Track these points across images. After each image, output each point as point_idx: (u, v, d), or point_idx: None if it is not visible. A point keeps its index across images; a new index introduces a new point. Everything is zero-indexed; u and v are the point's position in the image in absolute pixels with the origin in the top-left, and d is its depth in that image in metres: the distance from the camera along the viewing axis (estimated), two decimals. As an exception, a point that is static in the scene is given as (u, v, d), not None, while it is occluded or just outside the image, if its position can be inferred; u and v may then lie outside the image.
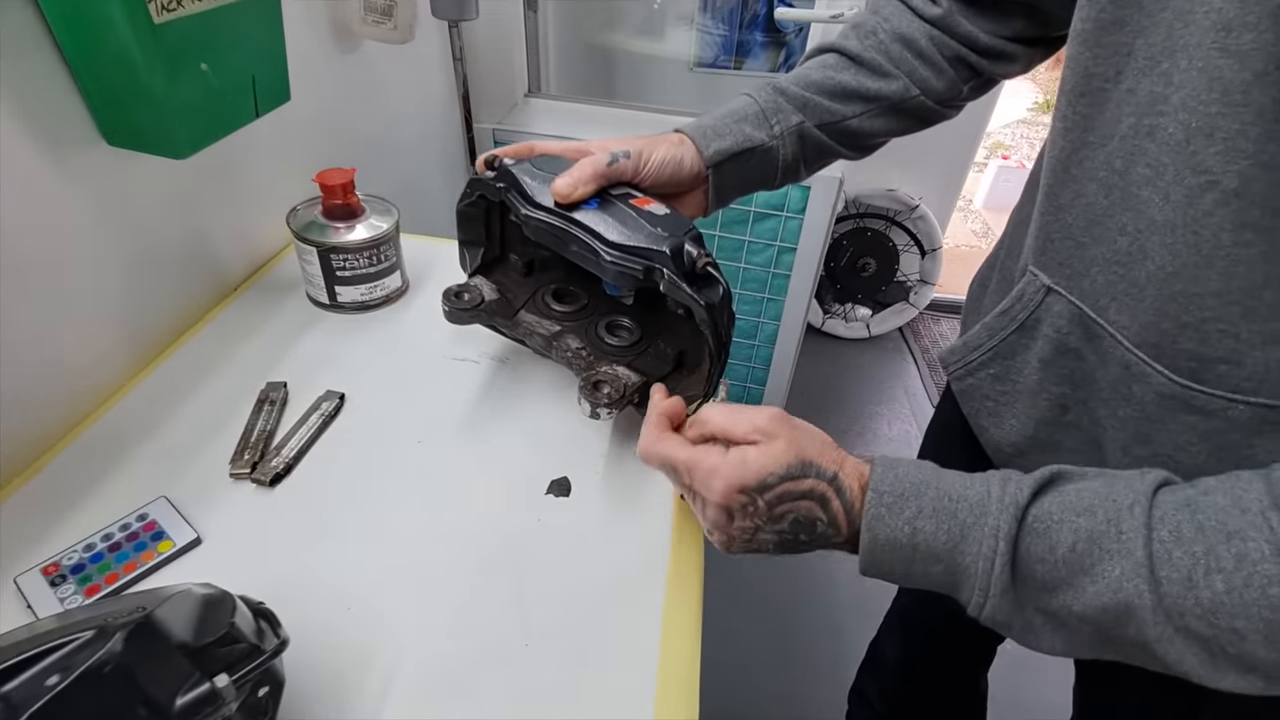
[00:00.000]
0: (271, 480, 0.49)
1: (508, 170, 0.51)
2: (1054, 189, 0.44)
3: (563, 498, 0.50)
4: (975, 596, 0.35)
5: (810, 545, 0.39)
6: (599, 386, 0.49)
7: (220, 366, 0.59)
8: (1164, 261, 0.37)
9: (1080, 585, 0.32)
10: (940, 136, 1.86)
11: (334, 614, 0.42)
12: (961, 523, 0.35)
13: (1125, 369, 0.41)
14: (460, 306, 0.54)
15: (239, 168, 0.68)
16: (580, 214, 0.48)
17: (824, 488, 0.37)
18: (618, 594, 0.44)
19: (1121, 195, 0.39)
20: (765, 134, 0.54)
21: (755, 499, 0.37)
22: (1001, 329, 0.50)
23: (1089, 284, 0.42)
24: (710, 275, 0.46)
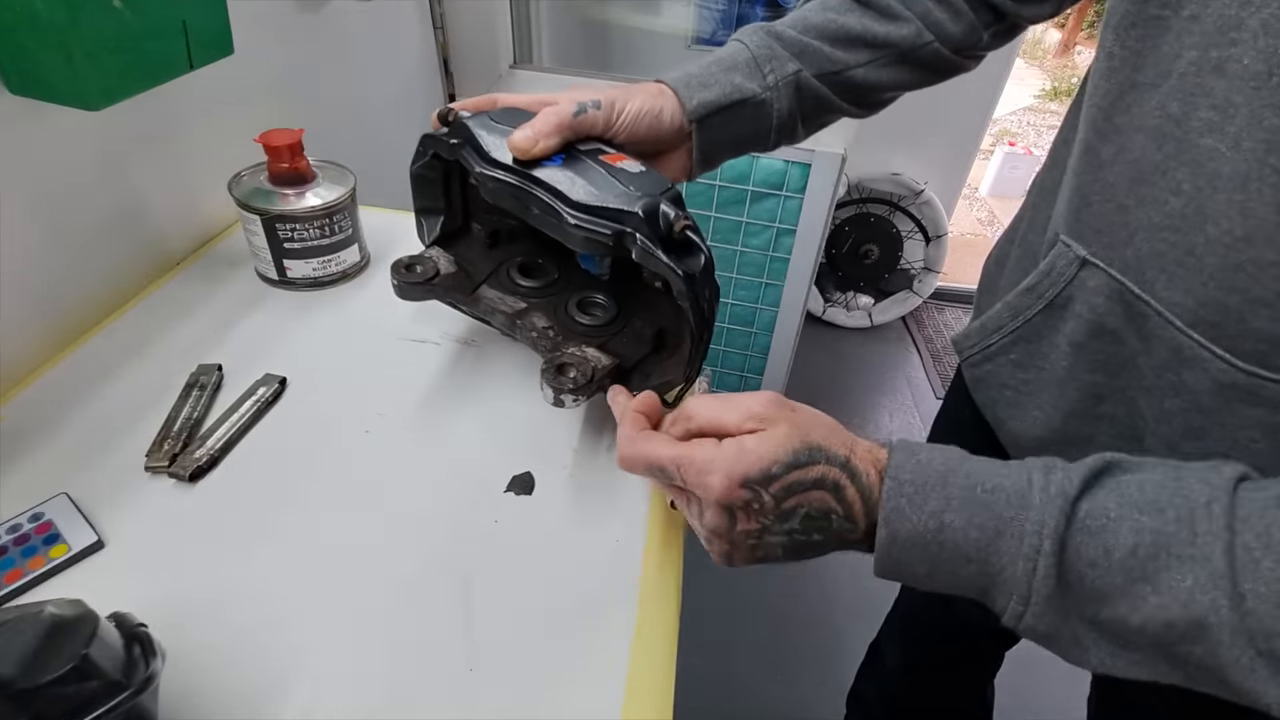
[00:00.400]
0: (192, 475, 0.43)
1: (463, 124, 0.45)
2: (1093, 143, 0.37)
3: (524, 496, 0.44)
4: (1013, 605, 0.30)
5: (823, 547, 0.33)
6: (563, 370, 0.43)
7: (149, 347, 0.53)
8: (1230, 225, 0.31)
9: (1140, 595, 0.27)
10: (947, 118, 1.81)
11: (254, 631, 0.36)
12: (998, 516, 0.30)
13: (1175, 353, 0.35)
14: (410, 280, 0.48)
15: (181, 131, 0.62)
16: (542, 171, 0.42)
17: (836, 474, 0.32)
18: (582, 607, 0.38)
19: (1177, 146, 0.33)
20: (757, 85, 0.48)
21: (760, 493, 0.32)
22: (1026, 308, 0.43)
23: (1132, 254, 0.36)
24: (689, 241, 0.40)
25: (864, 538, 0.33)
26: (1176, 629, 0.27)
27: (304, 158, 0.58)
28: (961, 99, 1.75)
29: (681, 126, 0.47)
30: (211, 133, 0.64)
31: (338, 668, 0.35)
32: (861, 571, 1.23)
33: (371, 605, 0.38)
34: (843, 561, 1.43)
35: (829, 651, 1.23)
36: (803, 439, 0.32)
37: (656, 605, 0.38)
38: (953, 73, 0.53)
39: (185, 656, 0.34)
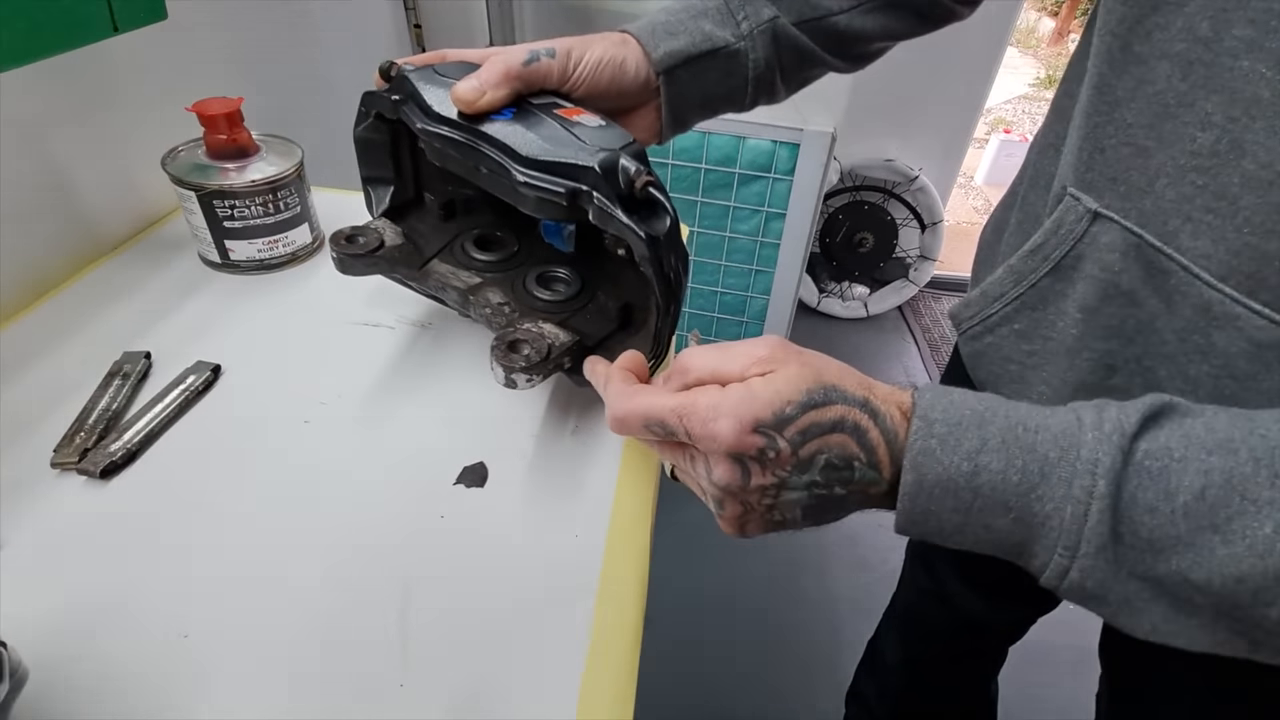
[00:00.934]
0: (104, 471, 0.38)
1: (404, 78, 0.41)
2: (1107, 78, 0.33)
3: (476, 488, 0.40)
4: (1056, 559, 0.26)
5: (844, 504, 0.29)
6: (515, 347, 0.38)
7: (72, 335, 0.48)
8: (1271, 156, 0.27)
9: (1207, 546, 0.23)
10: (940, 102, 1.76)
11: (160, 642, 0.32)
12: (1042, 458, 0.26)
13: (1203, 312, 0.31)
14: (351, 252, 0.44)
15: (114, 104, 0.57)
16: (490, 126, 0.38)
17: (857, 414, 0.28)
18: (532, 608, 0.34)
19: (1206, 72, 0.28)
20: (730, 32, 0.43)
21: (775, 439, 0.28)
22: (1030, 272, 0.39)
23: (1152, 202, 0.32)
24: (653, 199, 0.36)
25: (889, 490, 0.29)
26: (1249, 585, 0.23)
27: (244, 129, 0.54)
28: (954, 82, 1.72)
29: (648, 80, 0.43)
30: (150, 108, 0.60)
31: (252, 683, 0.30)
32: (860, 567, 1.20)
33: (294, 613, 0.33)
34: (841, 557, 1.39)
35: (829, 650, 1.19)
36: (816, 378, 0.29)
37: (617, 605, 0.34)
38: (946, 20, 0.48)
39: (85, 667, 0.30)
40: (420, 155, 0.48)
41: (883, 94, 1.69)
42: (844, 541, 1.38)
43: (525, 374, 0.37)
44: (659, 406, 0.30)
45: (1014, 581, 0.68)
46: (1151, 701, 0.52)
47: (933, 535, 0.28)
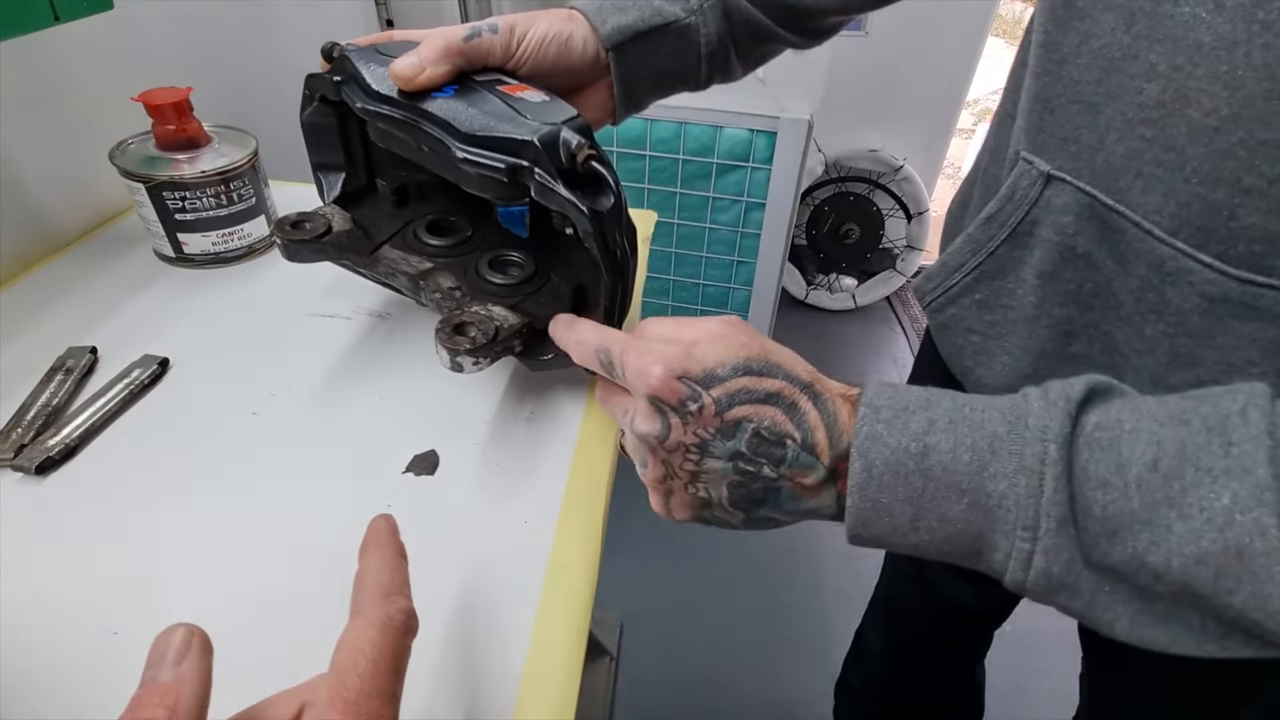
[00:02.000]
0: (39, 467, 0.37)
1: (345, 58, 0.40)
2: (1052, 36, 0.33)
3: (426, 476, 0.39)
4: (1018, 543, 0.24)
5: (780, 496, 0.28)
6: (461, 329, 0.37)
7: (17, 331, 0.47)
8: (1215, 103, 0.26)
9: (1163, 523, 0.22)
10: (923, 93, 1.76)
11: (92, 642, 0.31)
12: (991, 433, 0.24)
13: (1156, 269, 0.30)
14: (297, 238, 0.43)
15: (62, 99, 0.56)
16: (430, 104, 0.37)
17: (795, 392, 0.27)
18: (477, 595, 0.33)
19: (1149, 21, 0.28)
20: (680, 7, 0.42)
21: (698, 392, 0.27)
22: (988, 239, 0.38)
23: (1103, 160, 0.31)
24: (595, 173, 0.35)
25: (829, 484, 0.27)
26: (1210, 566, 0.21)
27: (193, 119, 0.53)
28: (936, 72, 1.71)
29: (597, 57, 0.42)
30: (101, 102, 0.59)
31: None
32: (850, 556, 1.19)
33: (230, 607, 0.32)
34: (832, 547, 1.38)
35: (817, 640, 1.19)
36: (761, 352, 0.28)
37: (563, 595, 0.33)
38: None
39: (10, 663, 0.29)
40: (370, 143, 0.47)
41: (865, 84, 1.69)
42: (834, 529, 1.36)
43: (471, 356, 0.36)
44: (613, 336, 0.31)
45: None
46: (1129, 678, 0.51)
47: (886, 535, 0.26)
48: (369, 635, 0.22)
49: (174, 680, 0.19)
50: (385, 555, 0.26)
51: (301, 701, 0.21)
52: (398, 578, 0.25)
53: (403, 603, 0.24)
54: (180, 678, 0.19)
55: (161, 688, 0.19)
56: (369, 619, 0.22)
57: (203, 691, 0.20)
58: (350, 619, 0.23)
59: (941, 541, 0.25)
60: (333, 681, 0.21)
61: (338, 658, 0.21)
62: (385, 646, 0.22)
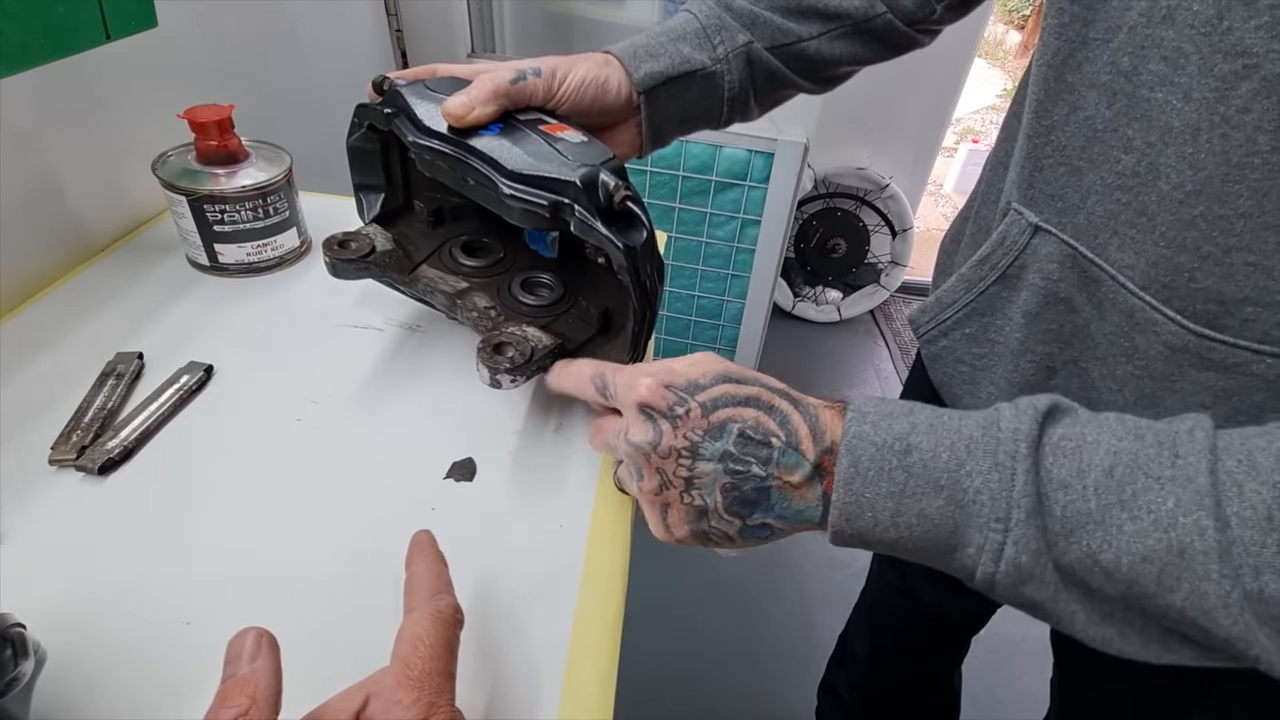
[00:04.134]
0: (102, 468, 0.40)
1: (397, 92, 0.43)
2: (1044, 104, 0.37)
3: (465, 482, 0.42)
4: (990, 534, 0.26)
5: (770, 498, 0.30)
6: (500, 349, 0.41)
7: (63, 336, 0.49)
8: (1181, 179, 0.30)
9: (1115, 522, 0.24)
10: (910, 113, 1.82)
11: (162, 631, 0.33)
12: (968, 437, 0.27)
13: (1128, 318, 0.34)
14: (344, 257, 0.45)
15: (103, 110, 0.58)
16: (477, 140, 0.40)
17: (774, 397, 0.31)
18: (520, 598, 0.36)
19: (1128, 102, 0.32)
20: (707, 56, 0.46)
21: (684, 398, 0.31)
22: (980, 280, 0.43)
23: (1085, 218, 0.35)
24: (630, 212, 0.38)
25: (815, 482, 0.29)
26: (1155, 563, 0.24)
27: (234, 136, 0.55)
28: (924, 95, 1.77)
29: (629, 99, 0.45)
30: (139, 113, 0.61)
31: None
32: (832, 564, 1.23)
33: (291, 602, 0.35)
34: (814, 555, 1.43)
35: (801, 643, 1.23)
36: (735, 368, 0.32)
37: (599, 594, 0.36)
38: (908, 47, 0.52)
39: (87, 656, 0.31)
40: (410, 164, 0.49)
41: (855, 104, 1.74)
42: (816, 538, 1.41)
43: (509, 375, 0.39)
44: (605, 365, 0.35)
45: None
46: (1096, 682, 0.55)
47: (868, 531, 0.28)
48: (425, 625, 0.25)
49: (251, 673, 0.23)
50: (430, 562, 0.29)
51: (366, 694, 0.24)
52: (443, 580, 0.29)
53: (450, 599, 0.27)
54: (256, 671, 0.23)
55: (241, 680, 0.23)
56: (423, 613, 0.26)
57: (276, 681, 0.23)
58: (406, 616, 0.26)
59: (919, 538, 0.28)
60: (398, 667, 0.24)
61: (399, 648, 0.25)
62: (440, 634, 0.25)
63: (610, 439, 0.34)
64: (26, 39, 0.44)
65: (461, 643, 0.33)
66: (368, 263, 0.46)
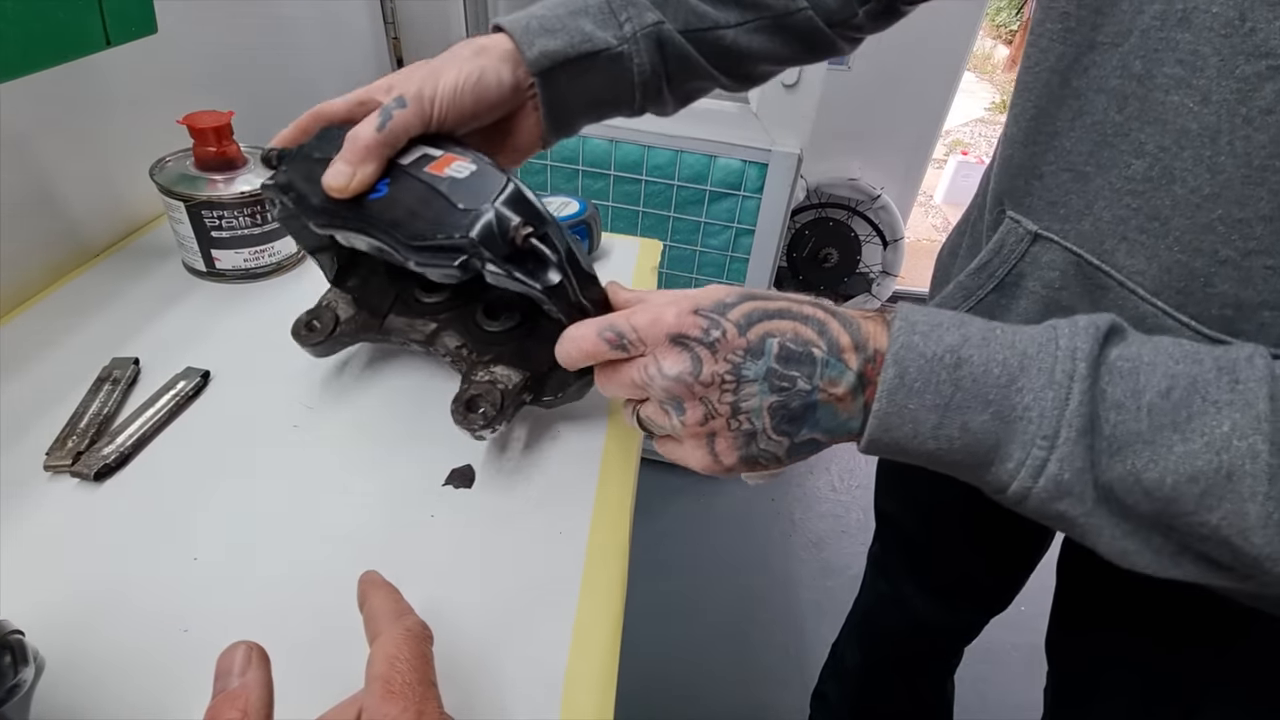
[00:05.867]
0: (98, 474, 0.39)
1: (282, 173, 0.40)
2: (1047, 110, 0.36)
3: (464, 489, 0.42)
4: (1035, 450, 0.26)
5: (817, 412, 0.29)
6: (472, 405, 0.40)
7: (59, 341, 0.49)
8: (1198, 182, 0.30)
9: (1165, 443, 0.24)
10: (902, 125, 1.85)
11: (159, 638, 0.33)
12: (1021, 352, 0.27)
13: (1138, 324, 0.34)
14: (314, 341, 0.45)
15: (99, 114, 0.58)
16: (370, 207, 0.37)
17: (806, 307, 0.29)
18: (520, 602, 0.36)
19: (1140, 106, 0.31)
20: (612, 34, 0.41)
21: (717, 320, 0.29)
22: (978, 288, 0.43)
23: (1090, 224, 0.35)
24: (536, 250, 0.35)
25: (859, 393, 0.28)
26: (1199, 484, 0.24)
27: (233, 142, 0.55)
28: (914, 106, 1.80)
29: (517, 83, 0.39)
30: (135, 118, 0.61)
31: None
32: (825, 573, 1.23)
33: (288, 607, 0.35)
34: (803, 560, 1.42)
35: (795, 652, 1.23)
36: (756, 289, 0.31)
37: (599, 598, 0.37)
38: (829, 51, 0.49)
39: (83, 663, 0.31)
40: None
41: (847, 116, 1.76)
42: (809, 546, 1.42)
43: (488, 428, 0.39)
44: (611, 315, 0.32)
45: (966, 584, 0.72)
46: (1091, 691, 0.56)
47: (905, 441, 0.28)
48: (396, 643, 0.25)
49: (242, 686, 0.23)
50: (385, 591, 0.29)
51: (358, 707, 0.24)
52: (402, 604, 0.28)
53: (414, 617, 0.27)
54: (246, 684, 0.23)
55: (232, 694, 0.23)
56: (391, 633, 0.26)
57: (267, 694, 0.23)
58: (374, 642, 0.26)
59: (957, 450, 0.27)
60: (380, 684, 0.24)
61: (375, 669, 0.25)
62: (413, 647, 0.25)
63: (637, 377, 0.32)
64: (27, 44, 0.44)
65: (461, 649, 0.33)
66: (337, 339, 0.45)
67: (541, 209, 0.37)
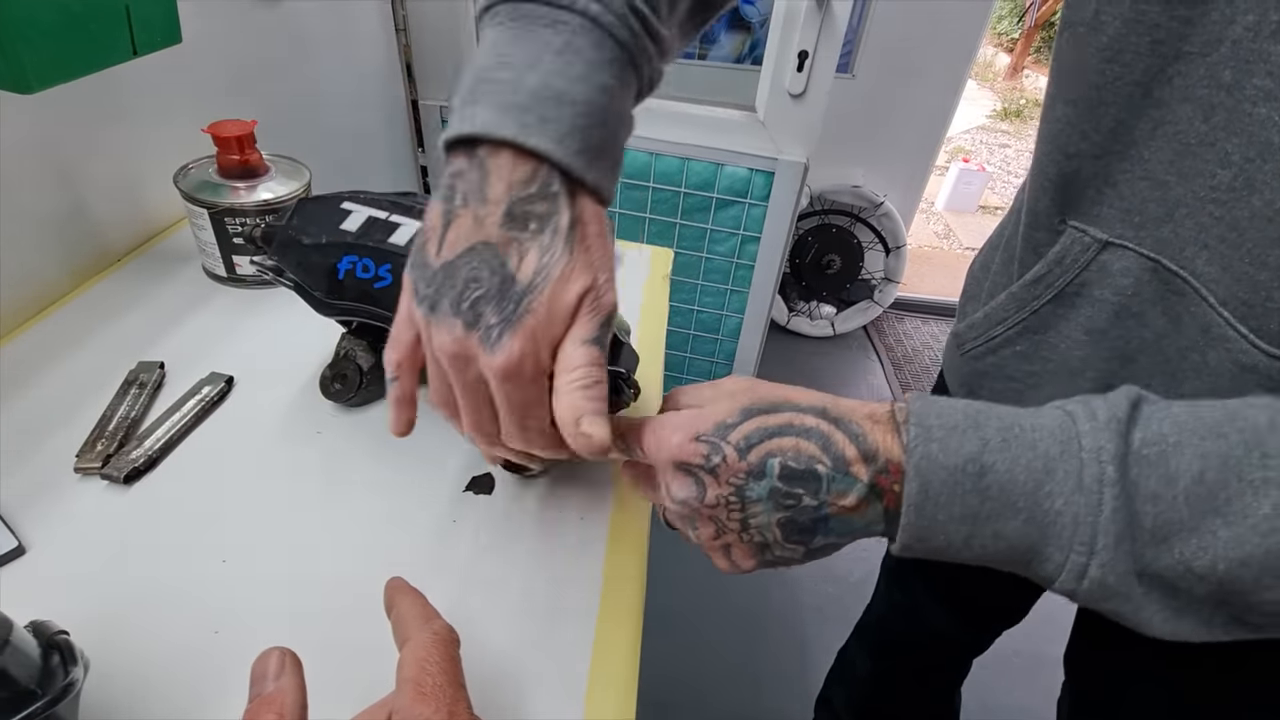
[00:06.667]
0: (127, 476, 0.40)
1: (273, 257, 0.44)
2: (1126, 121, 0.36)
3: (484, 495, 0.43)
4: (1074, 556, 0.25)
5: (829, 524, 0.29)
6: None
7: (84, 344, 0.50)
8: (1274, 195, 0.30)
9: (1210, 529, 0.24)
10: (904, 133, 1.86)
11: (190, 638, 0.34)
12: (1044, 454, 0.26)
13: (1204, 332, 0.34)
14: (345, 396, 0.46)
15: (123, 120, 0.59)
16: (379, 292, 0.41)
17: (810, 419, 0.29)
18: (543, 606, 0.37)
19: (1228, 116, 0.31)
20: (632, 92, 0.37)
21: (718, 445, 0.29)
22: (1033, 299, 0.42)
23: (1170, 231, 0.35)
24: None
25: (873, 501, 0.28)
26: (1252, 567, 0.23)
27: (256, 150, 0.56)
28: (918, 114, 1.81)
29: None
30: (157, 125, 0.62)
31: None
32: (828, 579, 1.23)
33: (316, 610, 0.36)
34: (810, 569, 1.42)
35: (798, 657, 1.23)
36: (762, 396, 0.30)
37: (620, 602, 0.37)
38: None
39: (116, 664, 0.32)
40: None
41: (851, 124, 1.78)
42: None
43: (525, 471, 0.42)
44: (625, 427, 0.33)
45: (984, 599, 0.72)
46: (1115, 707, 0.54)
47: (937, 552, 0.27)
48: (426, 647, 0.26)
49: (277, 690, 0.24)
50: (412, 596, 0.30)
51: (388, 711, 0.25)
52: (428, 609, 0.29)
53: (442, 621, 0.28)
54: (281, 688, 0.24)
55: (268, 698, 0.24)
56: (420, 637, 0.27)
57: (301, 697, 0.24)
58: (404, 646, 0.27)
59: (993, 555, 0.27)
60: (411, 686, 0.25)
61: (406, 671, 0.25)
62: (443, 651, 0.26)
63: (655, 495, 0.34)
64: (60, 55, 0.45)
65: (484, 652, 0.34)
66: (365, 391, 0.47)
67: None
